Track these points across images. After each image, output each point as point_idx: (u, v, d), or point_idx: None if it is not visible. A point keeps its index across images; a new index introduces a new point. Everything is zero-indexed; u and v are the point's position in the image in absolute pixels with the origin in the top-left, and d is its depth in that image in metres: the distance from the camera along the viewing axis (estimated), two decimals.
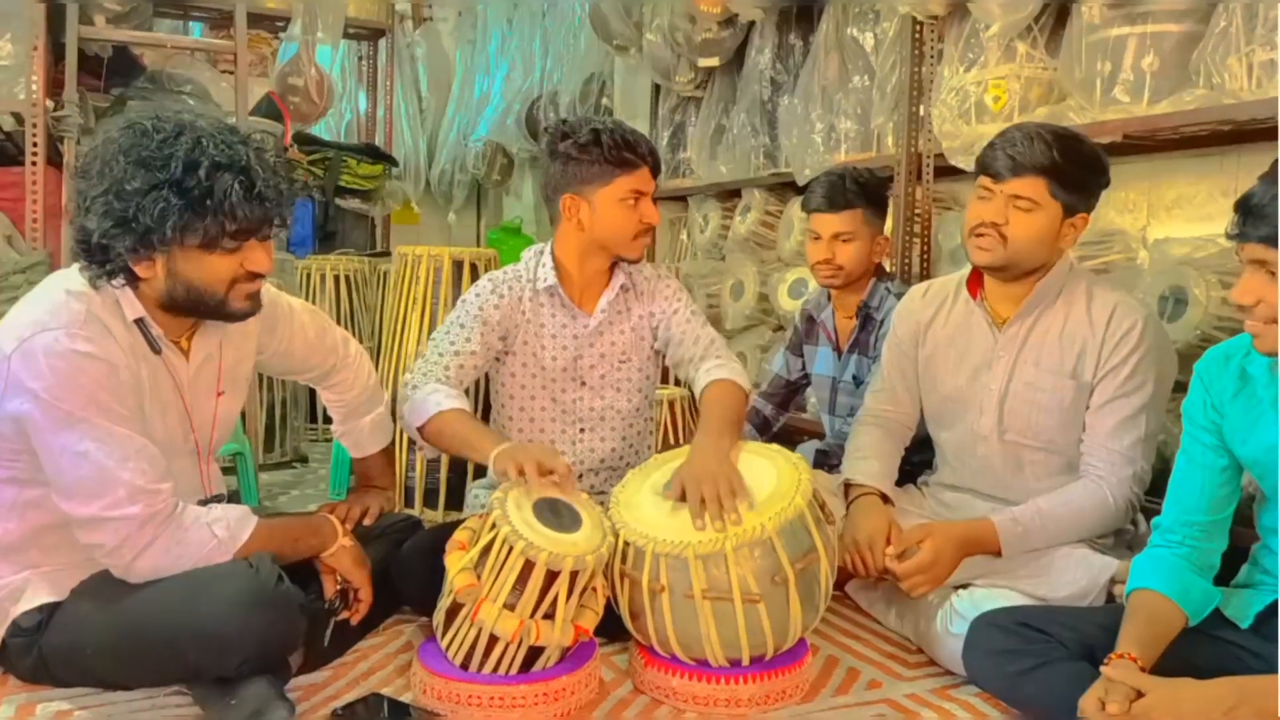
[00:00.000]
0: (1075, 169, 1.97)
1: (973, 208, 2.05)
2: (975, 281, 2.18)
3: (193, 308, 1.76)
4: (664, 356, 2.37)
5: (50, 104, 3.21)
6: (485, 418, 2.52)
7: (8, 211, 3.19)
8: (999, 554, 1.96)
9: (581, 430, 2.31)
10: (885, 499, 2.15)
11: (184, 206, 1.62)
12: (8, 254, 3.09)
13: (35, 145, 3.12)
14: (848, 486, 2.20)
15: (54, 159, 3.32)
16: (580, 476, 2.30)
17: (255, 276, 1.75)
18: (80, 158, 1.76)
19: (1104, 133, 2.46)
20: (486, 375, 2.40)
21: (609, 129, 2.16)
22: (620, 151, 2.14)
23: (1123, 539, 2.11)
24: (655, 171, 2.22)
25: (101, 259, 1.67)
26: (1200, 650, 1.59)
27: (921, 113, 3.20)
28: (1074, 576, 1.94)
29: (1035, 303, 2.08)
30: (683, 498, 1.85)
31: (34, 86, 3.14)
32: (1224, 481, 1.65)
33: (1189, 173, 2.74)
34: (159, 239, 1.63)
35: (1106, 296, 2.05)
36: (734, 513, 1.78)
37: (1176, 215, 2.76)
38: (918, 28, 3.18)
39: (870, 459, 2.22)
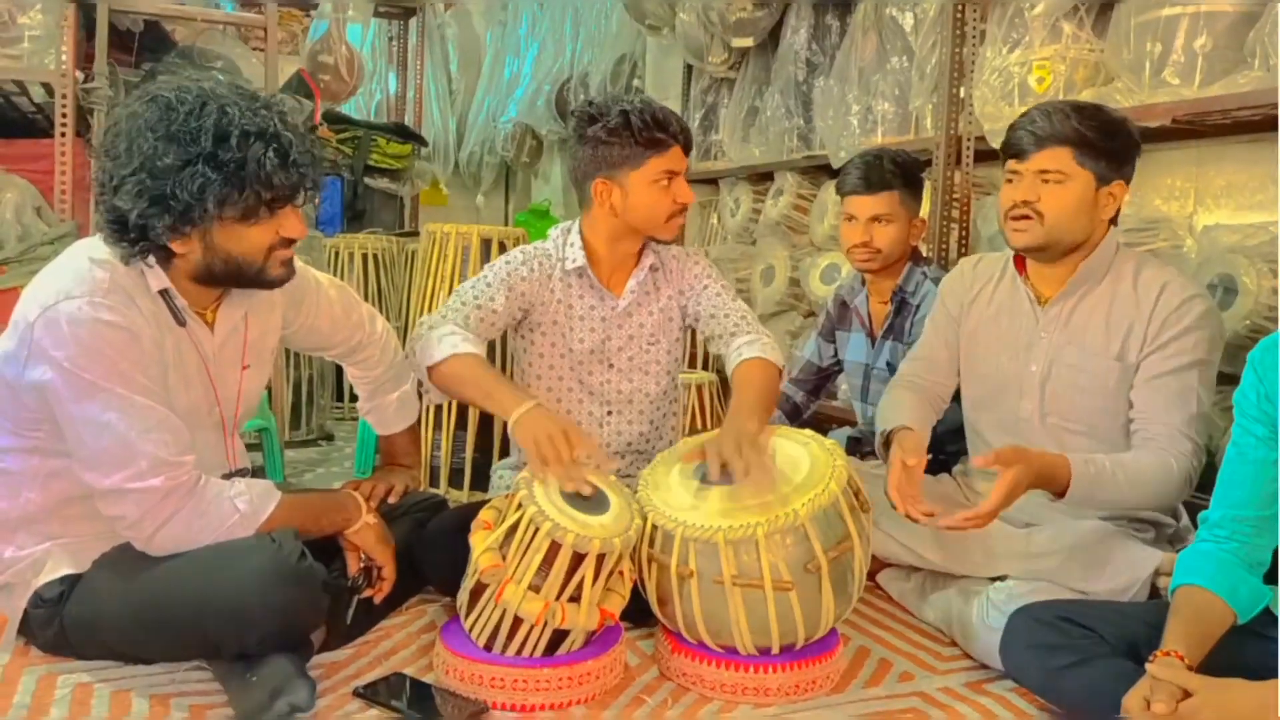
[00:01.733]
0: (1099, 134, 1.94)
1: (1004, 193, 2.02)
2: (1021, 258, 2.13)
3: (231, 278, 1.75)
4: (694, 333, 2.33)
5: (80, 76, 3.20)
6: None
7: (37, 183, 3.19)
8: (1061, 495, 1.83)
9: (609, 413, 2.27)
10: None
11: (221, 180, 1.60)
12: (36, 225, 3.09)
13: (64, 117, 3.11)
14: (888, 442, 2.07)
15: (83, 131, 3.31)
16: None
17: (290, 242, 1.74)
18: (103, 134, 1.73)
19: (1152, 116, 2.39)
20: (511, 354, 2.36)
21: (638, 109, 2.10)
22: (651, 132, 2.09)
23: (1164, 533, 2.05)
24: (687, 149, 2.17)
25: (138, 238, 1.64)
26: (1249, 650, 1.52)
27: (962, 94, 3.13)
28: (1116, 570, 1.89)
29: (1079, 282, 2.02)
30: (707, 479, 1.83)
31: (64, 57, 3.12)
32: (1276, 476, 1.59)
33: (1239, 158, 2.66)
34: (199, 214, 1.61)
35: (1156, 273, 1.99)
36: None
37: (1225, 202, 2.68)
38: (959, 7, 3.11)
39: (897, 408, 2.14)
